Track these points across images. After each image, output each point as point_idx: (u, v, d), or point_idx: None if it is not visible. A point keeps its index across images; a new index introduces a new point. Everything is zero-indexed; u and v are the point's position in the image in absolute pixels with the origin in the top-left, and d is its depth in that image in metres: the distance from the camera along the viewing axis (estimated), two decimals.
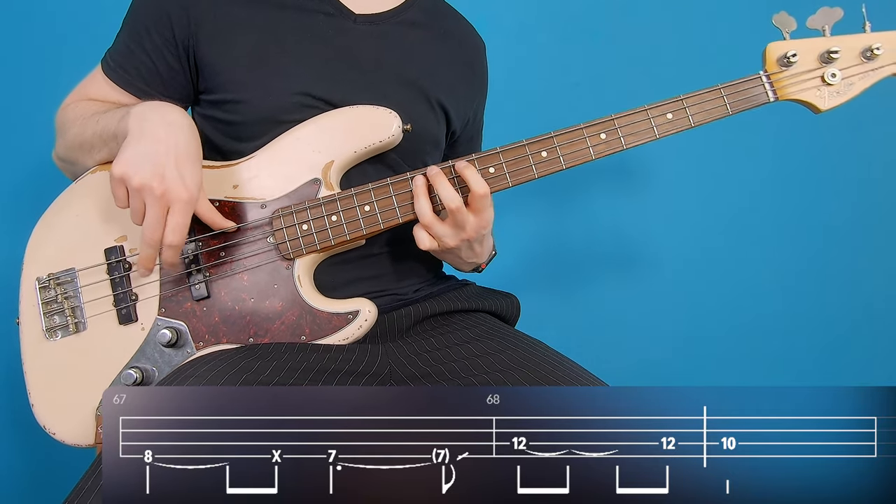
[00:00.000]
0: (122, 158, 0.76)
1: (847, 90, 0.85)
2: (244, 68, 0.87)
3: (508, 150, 0.84)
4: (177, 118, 0.79)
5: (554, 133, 0.84)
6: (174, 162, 0.76)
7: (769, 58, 0.85)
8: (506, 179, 0.84)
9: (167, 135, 0.77)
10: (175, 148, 0.77)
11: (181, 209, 0.77)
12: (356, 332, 0.83)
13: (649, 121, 0.84)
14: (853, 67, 0.84)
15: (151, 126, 0.77)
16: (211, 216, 0.82)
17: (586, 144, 0.84)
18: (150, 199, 0.76)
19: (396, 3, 0.97)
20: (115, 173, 0.76)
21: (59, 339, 0.84)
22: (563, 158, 0.84)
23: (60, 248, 0.86)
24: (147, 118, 0.78)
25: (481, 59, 1.06)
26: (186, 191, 0.77)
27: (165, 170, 0.76)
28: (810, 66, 0.85)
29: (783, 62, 0.84)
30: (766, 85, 0.85)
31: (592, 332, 1.42)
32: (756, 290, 1.45)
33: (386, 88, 0.91)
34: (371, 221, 0.84)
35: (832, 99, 0.85)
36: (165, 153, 0.76)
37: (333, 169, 0.86)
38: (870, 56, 0.83)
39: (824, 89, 0.85)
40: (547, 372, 0.79)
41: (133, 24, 0.90)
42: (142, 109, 0.79)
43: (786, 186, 1.44)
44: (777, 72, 0.85)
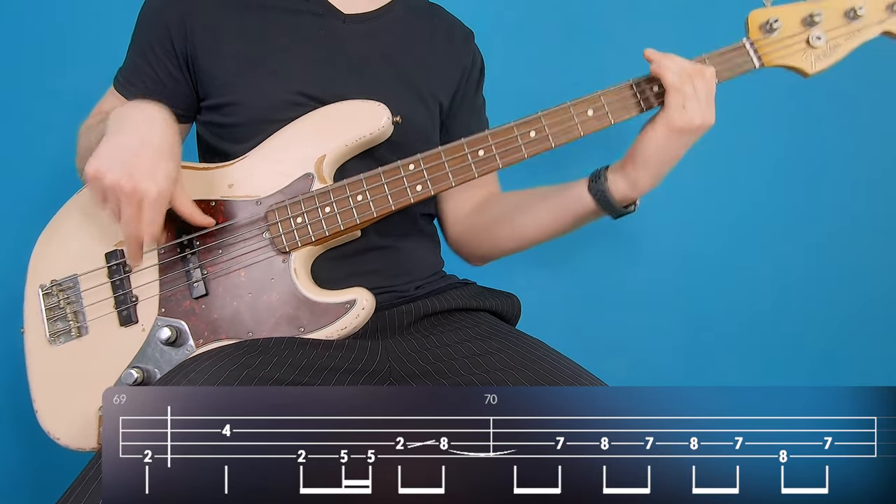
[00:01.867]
0: (95, 157, 0.77)
1: (833, 52, 0.84)
2: (237, 71, 0.90)
3: (497, 132, 0.85)
4: (152, 113, 0.81)
5: (542, 112, 0.85)
6: (146, 157, 0.77)
7: (752, 25, 0.85)
8: (495, 161, 0.85)
9: (138, 131, 0.78)
10: (148, 143, 0.78)
11: (151, 205, 0.78)
12: (354, 322, 0.83)
13: (636, 95, 0.84)
14: (837, 29, 0.84)
15: (126, 123, 0.79)
16: (189, 212, 0.83)
17: (574, 121, 0.84)
18: (123, 198, 0.77)
19: (384, 1, 0.99)
20: (89, 173, 0.77)
21: (62, 344, 0.85)
22: (552, 136, 0.84)
23: (63, 255, 0.88)
24: (122, 115, 0.80)
25: (470, 46, 1.07)
26: (156, 185, 0.77)
27: (134, 167, 0.76)
28: (794, 31, 0.85)
29: (766, 29, 0.84)
30: (750, 52, 0.85)
31: (592, 332, 1.41)
32: (756, 290, 1.42)
33: (376, 85, 0.93)
34: (364, 210, 0.85)
35: (818, 62, 0.85)
36: (136, 149, 0.77)
37: (326, 163, 0.87)
38: (853, 16, 0.83)
39: (810, 52, 0.84)
40: (546, 372, 0.78)
41: (138, 40, 0.95)
42: (121, 108, 0.82)
43: (786, 186, 1.43)
44: (761, 38, 0.85)
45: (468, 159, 0.85)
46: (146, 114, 0.81)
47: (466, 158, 0.85)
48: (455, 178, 0.85)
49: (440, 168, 0.85)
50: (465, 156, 0.85)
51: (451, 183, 0.85)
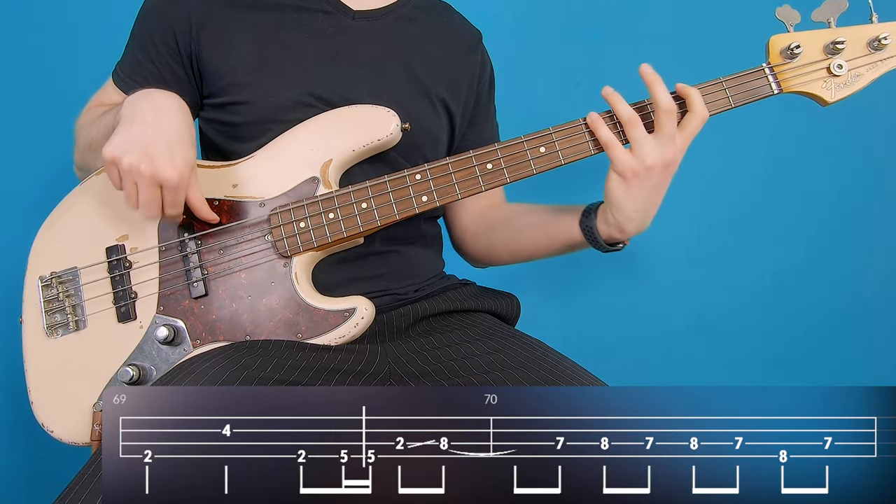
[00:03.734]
0: (113, 142, 0.77)
1: (854, 81, 0.82)
2: (245, 70, 0.89)
3: (506, 146, 0.84)
4: (167, 102, 0.80)
5: (552, 129, 0.84)
6: (164, 143, 0.77)
7: (773, 50, 0.83)
8: (504, 176, 0.84)
9: (156, 118, 0.78)
10: (165, 130, 0.77)
11: (173, 188, 0.78)
12: (352, 331, 0.82)
13: (649, 115, 0.83)
14: (860, 58, 0.82)
15: (141, 111, 0.78)
16: (199, 204, 0.82)
17: (585, 139, 0.83)
18: (141, 181, 0.77)
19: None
20: (106, 156, 0.77)
21: (59, 336, 0.85)
22: (562, 153, 0.83)
23: (63, 247, 0.87)
24: (137, 104, 0.79)
25: (480, 49, 1.05)
26: (176, 170, 0.77)
27: (154, 151, 0.76)
28: (815, 58, 0.83)
29: (787, 54, 0.83)
30: (769, 77, 0.83)
31: (592, 332, 1.40)
32: (756, 290, 1.42)
33: (386, 85, 0.92)
34: (368, 218, 0.84)
35: (839, 91, 0.83)
36: (154, 135, 0.77)
37: (332, 167, 0.86)
38: (877, 46, 0.81)
39: (830, 81, 0.83)
40: (546, 372, 0.78)
41: (140, 34, 0.93)
42: (134, 97, 0.81)
43: (787, 186, 1.42)
44: (781, 64, 0.83)
45: (476, 172, 0.84)
46: (161, 101, 0.80)
47: (474, 171, 0.84)
48: (462, 191, 0.84)
49: (447, 180, 0.84)
50: (472, 168, 0.84)
51: (458, 195, 0.84)
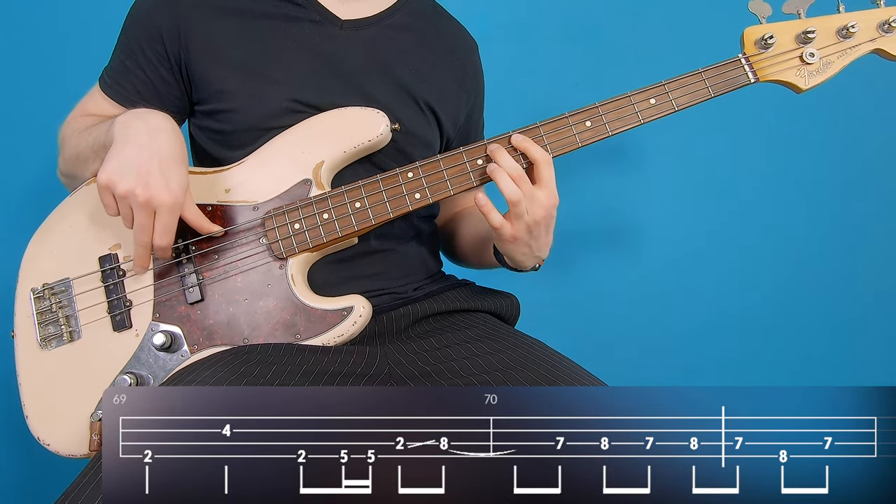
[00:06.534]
0: (107, 167, 0.77)
1: (826, 69, 0.86)
2: (234, 78, 0.89)
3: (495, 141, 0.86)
4: (160, 123, 0.80)
5: (540, 123, 0.85)
6: (158, 167, 0.77)
7: (747, 41, 0.87)
8: None
9: (150, 140, 0.78)
10: (158, 153, 0.78)
11: (167, 213, 0.78)
12: (350, 329, 0.82)
13: (633, 106, 0.85)
14: (830, 46, 0.86)
15: (135, 133, 0.78)
16: (198, 221, 0.83)
17: (572, 132, 0.85)
18: (136, 205, 0.77)
19: (383, 7, 0.97)
20: (101, 182, 0.77)
21: (53, 348, 0.84)
22: (550, 147, 0.85)
23: (55, 258, 0.86)
24: (130, 125, 0.79)
25: (474, 60, 1.06)
26: (171, 195, 0.77)
27: (149, 176, 0.76)
28: (788, 48, 0.86)
29: (761, 45, 0.86)
30: (745, 67, 0.86)
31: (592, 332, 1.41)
32: (756, 290, 1.44)
33: (373, 92, 0.92)
34: (362, 217, 0.85)
35: (812, 78, 0.86)
36: (149, 159, 0.77)
37: (324, 169, 0.87)
38: (846, 34, 0.85)
39: (804, 69, 0.86)
40: (546, 372, 0.78)
41: (127, 40, 0.93)
42: (126, 117, 0.81)
43: (787, 186, 1.44)
44: (756, 54, 0.86)
45: (467, 168, 0.85)
46: (153, 122, 0.80)
47: (465, 168, 0.85)
48: (454, 187, 0.85)
49: (439, 177, 0.85)
50: (463, 165, 0.85)
51: (450, 191, 0.85)
